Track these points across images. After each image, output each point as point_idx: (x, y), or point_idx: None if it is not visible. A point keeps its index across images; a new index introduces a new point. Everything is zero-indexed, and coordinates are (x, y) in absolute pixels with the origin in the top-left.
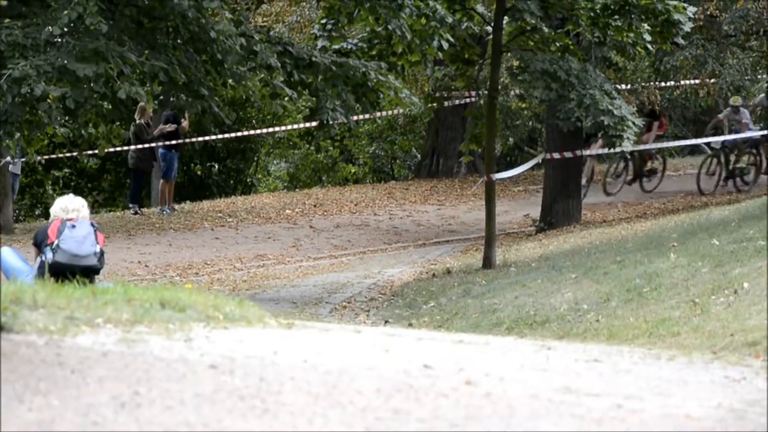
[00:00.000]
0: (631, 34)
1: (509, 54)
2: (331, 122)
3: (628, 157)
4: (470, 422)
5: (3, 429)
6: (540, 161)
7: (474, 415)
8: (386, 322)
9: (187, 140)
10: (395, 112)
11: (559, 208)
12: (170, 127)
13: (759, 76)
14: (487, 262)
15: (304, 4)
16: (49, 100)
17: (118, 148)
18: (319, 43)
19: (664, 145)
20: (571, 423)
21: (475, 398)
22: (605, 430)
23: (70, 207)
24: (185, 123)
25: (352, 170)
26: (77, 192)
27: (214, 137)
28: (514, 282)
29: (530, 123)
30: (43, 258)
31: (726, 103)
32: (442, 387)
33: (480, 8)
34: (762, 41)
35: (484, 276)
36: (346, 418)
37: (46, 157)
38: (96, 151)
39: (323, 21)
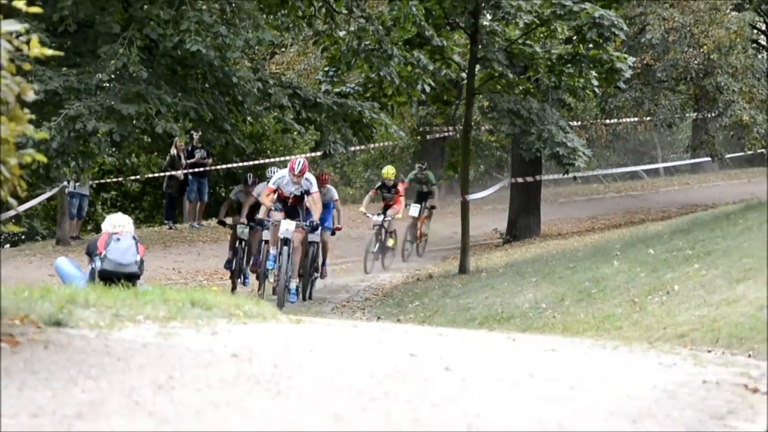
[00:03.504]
0: (582, 80)
1: (480, 96)
2: (332, 152)
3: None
4: (449, 402)
5: (55, 409)
6: (506, 184)
7: (452, 396)
8: (379, 318)
9: (213, 167)
10: (386, 143)
11: (522, 223)
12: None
13: (686, 114)
14: (463, 269)
15: (311, 54)
16: (98, 135)
17: (156, 174)
18: (323, 87)
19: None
20: (532, 402)
21: (453, 381)
22: (561, 407)
23: (117, 223)
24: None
25: (350, 192)
26: (122, 211)
27: (235, 165)
28: (484, 285)
29: (498, 153)
30: (94, 266)
31: (660, 137)
32: (425, 372)
33: (456, 58)
34: (689, 85)
35: (460, 280)
36: (345, 399)
37: (96, 181)
38: (138, 177)
39: (326, 69)
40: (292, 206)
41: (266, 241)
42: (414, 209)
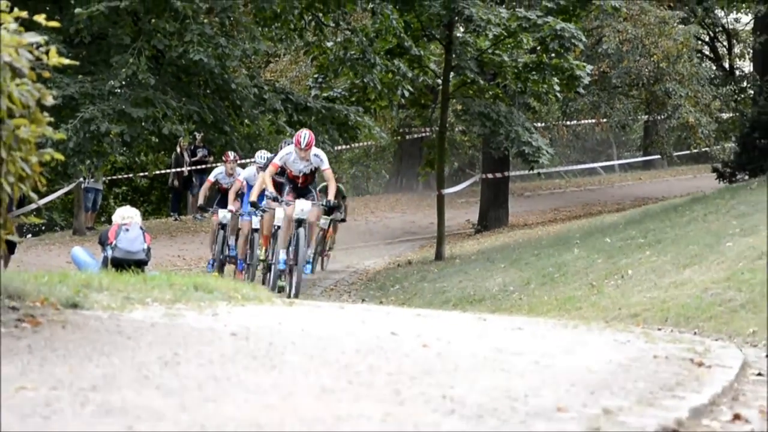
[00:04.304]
0: (545, 86)
1: (454, 100)
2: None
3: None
4: (426, 375)
5: (72, 382)
6: (477, 180)
7: (429, 370)
8: (363, 300)
9: (214, 165)
10: (369, 143)
11: (492, 215)
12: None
13: (639, 116)
14: (439, 256)
15: (302, 63)
16: (111, 136)
17: (163, 171)
18: (313, 92)
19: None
20: (501, 375)
21: (429, 357)
22: (527, 379)
23: (126, 215)
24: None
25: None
26: (132, 204)
27: None
28: (458, 270)
29: (470, 151)
30: (106, 254)
31: (616, 137)
32: (404, 348)
33: (432, 66)
34: (641, 91)
35: (436, 266)
36: (333, 372)
37: (109, 177)
38: (146, 173)
39: (316, 76)
40: (303, 186)
41: (256, 230)
42: (323, 221)
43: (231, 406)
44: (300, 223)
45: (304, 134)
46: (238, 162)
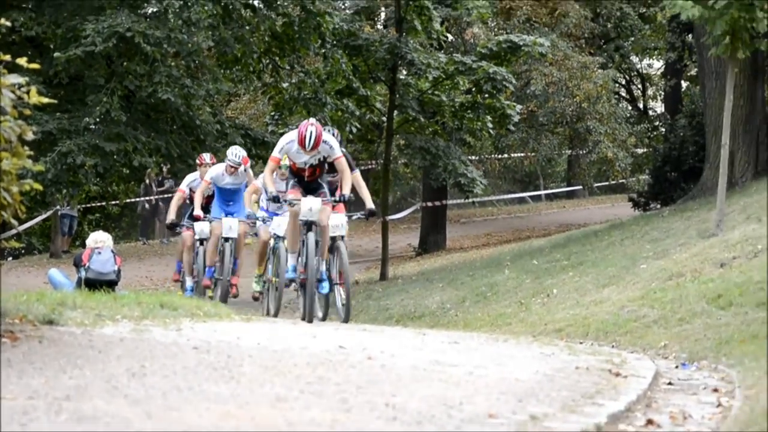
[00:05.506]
0: (479, 123)
1: (398, 135)
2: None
3: None
4: (371, 385)
5: (47, 392)
6: (418, 208)
7: (373, 380)
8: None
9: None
10: None
11: (431, 239)
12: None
13: (563, 151)
14: (383, 276)
15: (260, 102)
16: (85, 167)
17: (133, 200)
18: (270, 128)
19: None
20: (439, 385)
21: (374, 368)
22: (462, 388)
23: (98, 239)
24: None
25: None
26: (104, 229)
27: None
28: (400, 289)
29: (411, 182)
30: (80, 275)
31: (543, 170)
32: (351, 361)
33: (378, 105)
34: (565, 128)
35: (380, 285)
36: (286, 383)
37: (83, 205)
38: (118, 202)
39: (272, 113)
40: (312, 180)
41: (227, 239)
42: (341, 223)
43: (193, 414)
44: (309, 226)
45: (310, 131)
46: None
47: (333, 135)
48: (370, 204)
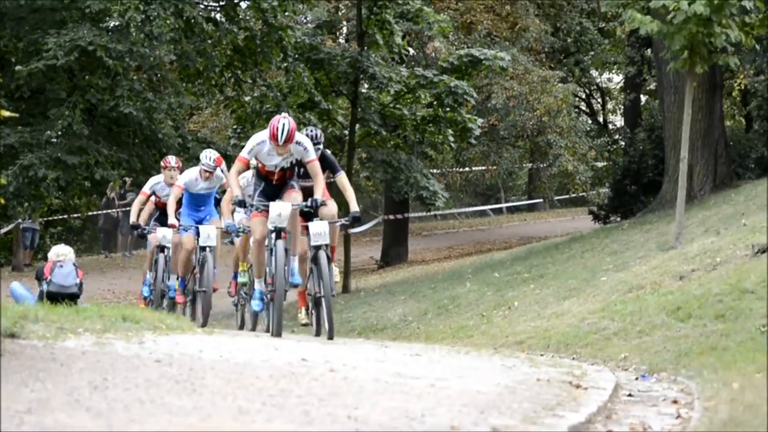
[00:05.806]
0: (441, 137)
1: (360, 149)
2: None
3: None
4: (333, 397)
5: (9, 406)
6: (380, 220)
7: (336, 393)
8: None
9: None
10: None
11: (393, 252)
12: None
13: (524, 164)
14: (345, 288)
15: (222, 115)
16: (47, 181)
17: (95, 213)
18: (232, 142)
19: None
20: (401, 397)
21: (336, 381)
22: (424, 401)
23: (60, 252)
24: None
25: None
26: (66, 243)
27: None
28: (363, 302)
29: (374, 195)
30: (41, 288)
31: (504, 183)
32: (314, 373)
33: (340, 118)
34: (525, 142)
35: (342, 298)
36: (248, 395)
37: (45, 218)
38: (79, 215)
39: (235, 127)
40: (280, 183)
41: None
42: (322, 231)
43: (155, 426)
44: (278, 233)
45: (282, 123)
46: (181, 168)
47: (316, 136)
48: (354, 208)
